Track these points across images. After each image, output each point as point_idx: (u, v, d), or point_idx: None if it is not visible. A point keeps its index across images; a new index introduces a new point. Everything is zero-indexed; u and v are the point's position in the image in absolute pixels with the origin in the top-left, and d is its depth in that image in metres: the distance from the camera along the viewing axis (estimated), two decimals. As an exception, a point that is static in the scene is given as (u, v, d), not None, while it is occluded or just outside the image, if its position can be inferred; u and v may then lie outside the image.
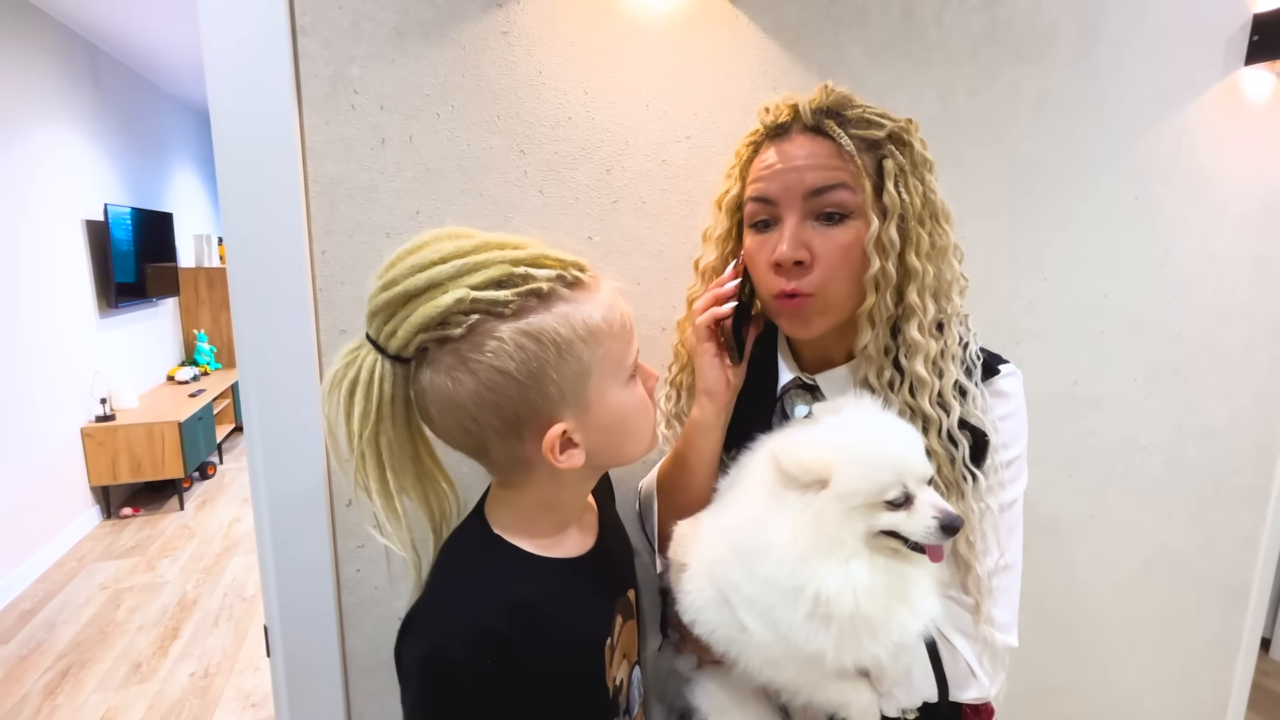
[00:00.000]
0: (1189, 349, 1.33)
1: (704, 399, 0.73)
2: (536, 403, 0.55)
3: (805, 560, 0.56)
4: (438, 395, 0.55)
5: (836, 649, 0.56)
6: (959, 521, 0.56)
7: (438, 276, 0.53)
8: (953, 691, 0.67)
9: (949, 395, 0.65)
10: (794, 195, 0.64)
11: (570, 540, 0.65)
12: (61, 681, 2.23)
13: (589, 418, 0.58)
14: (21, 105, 2.97)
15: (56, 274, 3.22)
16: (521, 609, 0.57)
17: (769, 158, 0.67)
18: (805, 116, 0.65)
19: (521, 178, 0.84)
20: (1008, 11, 1.02)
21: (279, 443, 0.80)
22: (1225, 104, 1.23)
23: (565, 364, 0.55)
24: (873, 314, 0.66)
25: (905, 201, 0.64)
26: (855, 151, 0.63)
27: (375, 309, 0.55)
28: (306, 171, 0.78)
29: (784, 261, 0.64)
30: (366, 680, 0.89)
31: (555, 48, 0.83)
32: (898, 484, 0.56)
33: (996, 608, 0.67)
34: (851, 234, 0.64)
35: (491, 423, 0.55)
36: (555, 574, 0.62)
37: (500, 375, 0.53)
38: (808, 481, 0.57)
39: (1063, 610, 1.34)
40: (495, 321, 0.53)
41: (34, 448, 2.98)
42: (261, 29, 0.73)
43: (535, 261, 0.55)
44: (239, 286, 0.77)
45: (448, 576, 0.62)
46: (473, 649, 0.54)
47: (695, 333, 0.73)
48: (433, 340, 0.54)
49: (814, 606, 0.55)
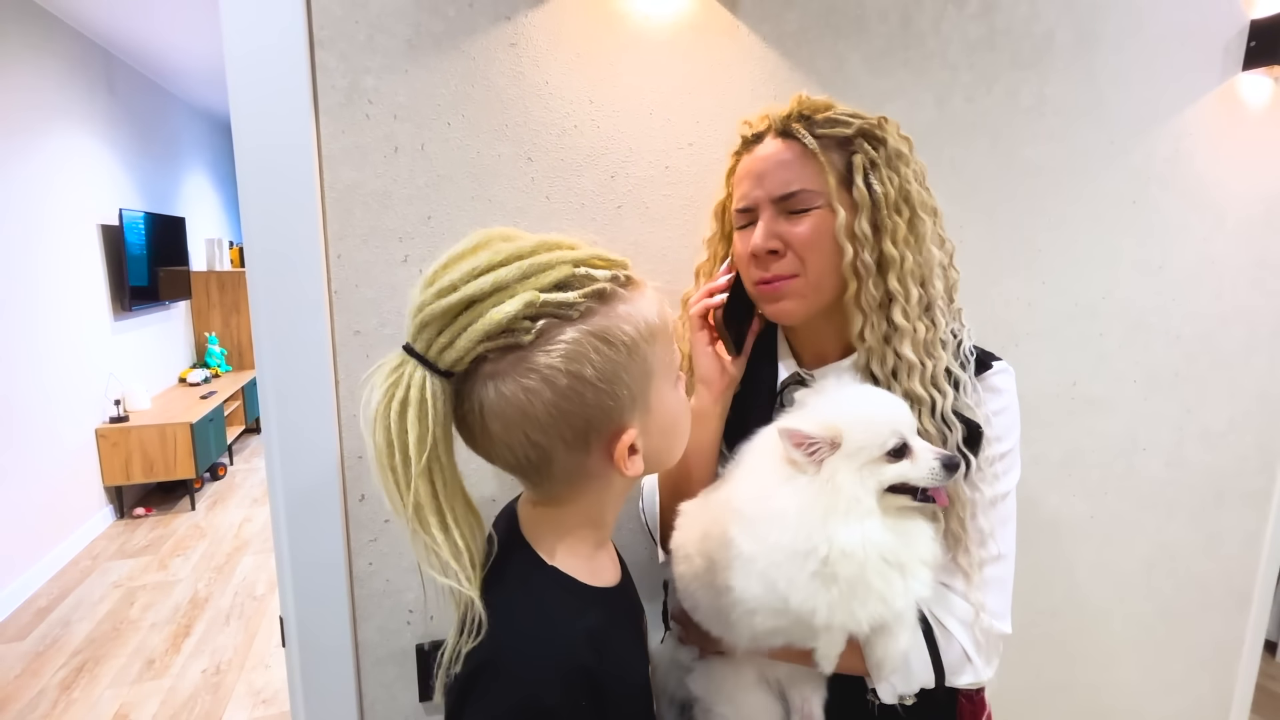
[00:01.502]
0: (1189, 351, 1.34)
1: (700, 388, 0.77)
2: (609, 408, 0.52)
3: (825, 521, 0.59)
4: (505, 409, 0.50)
5: (829, 609, 0.59)
6: (957, 459, 0.62)
7: (503, 279, 0.49)
8: (949, 677, 0.69)
9: (941, 379, 0.68)
10: (764, 194, 0.70)
11: (608, 567, 0.62)
12: (77, 677, 2.27)
13: (650, 421, 0.56)
14: (39, 112, 3.03)
15: (72, 277, 3.28)
16: (599, 640, 0.53)
17: (746, 166, 0.73)
18: (775, 124, 0.71)
19: (529, 184, 0.87)
20: (1005, 19, 1.04)
21: (295, 439, 0.83)
22: (1223, 109, 1.25)
23: (634, 364, 0.53)
24: (860, 300, 0.69)
25: (877, 192, 0.68)
26: (820, 149, 0.68)
27: (428, 319, 0.49)
28: (323, 178, 0.81)
29: (758, 251, 0.70)
30: (378, 671, 0.92)
31: (561, 59, 0.85)
32: (896, 434, 0.62)
33: (990, 596, 0.70)
34: (817, 222, 0.69)
35: (564, 434, 0.51)
36: (607, 603, 0.59)
37: (579, 381, 0.50)
38: (824, 445, 0.61)
39: (1063, 610, 1.35)
40: (564, 325, 0.50)
41: (50, 448, 3.03)
42: (280, 42, 0.76)
43: (591, 261, 0.53)
44: (258, 289, 0.80)
45: (510, 616, 0.54)
46: (569, 690, 0.50)
47: (690, 323, 0.78)
48: (496, 349, 0.50)
49: (821, 566, 0.59)
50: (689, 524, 0.72)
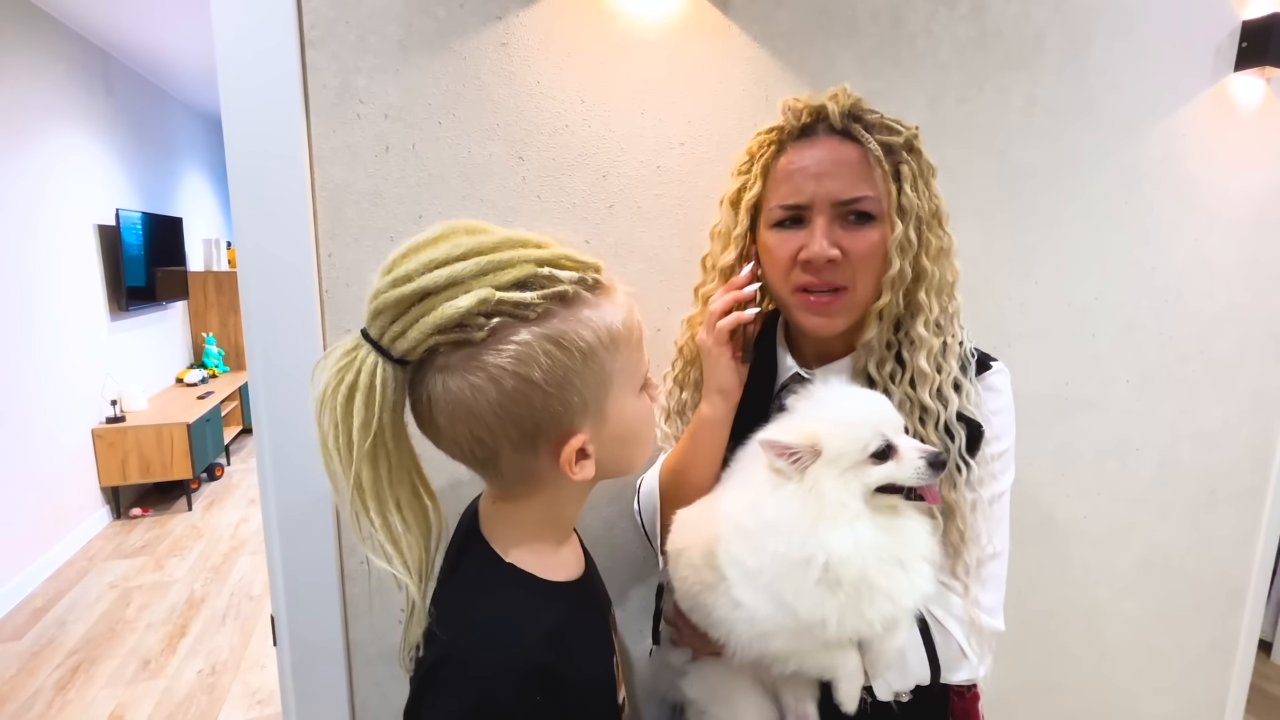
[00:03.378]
0: (1181, 351, 1.34)
1: (716, 397, 0.74)
2: (558, 413, 0.51)
3: (815, 528, 0.59)
4: (451, 403, 0.50)
5: (839, 615, 0.59)
6: (944, 455, 0.61)
7: (459, 274, 0.48)
8: (944, 673, 0.69)
9: (947, 389, 0.68)
10: (825, 195, 0.66)
11: (569, 562, 0.63)
12: (73, 677, 2.26)
13: (604, 428, 0.55)
14: (36, 112, 3.03)
15: (69, 277, 3.28)
16: (557, 636, 0.53)
17: (798, 161, 0.68)
18: (834, 119, 0.67)
19: (520, 183, 0.87)
20: (996, 20, 1.05)
21: (286, 437, 0.83)
22: (1215, 109, 1.25)
23: (589, 372, 0.52)
24: (884, 311, 0.69)
25: (919, 205, 0.67)
26: (881, 156, 0.66)
27: (382, 306, 0.49)
28: (314, 178, 0.81)
29: (817, 259, 0.66)
30: (369, 670, 0.92)
31: (553, 58, 0.86)
32: (878, 435, 0.61)
33: (985, 593, 0.70)
34: (878, 234, 0.67)
35: (509, 434, 0.51)
36: (567, 598, 0.59)
37: (525, 384, 0.49)
38: (805, 453, 0.60)
39: (1057, 609, 1.35)
40: (518, 325, 0.49)
41: (46, 449, 3.02)
42: (272, 43, 0.76)
43: (558, 262, 0.52)
44: (249, 288, 0.81)
45: (466, 613, 0.55)
46: (524, 687, 0.50)
47: (716, 336, 0.73)
48: (448, 343, 0.49)
49: (824, 573, 0.58)
50: (687, 531, 0.72)
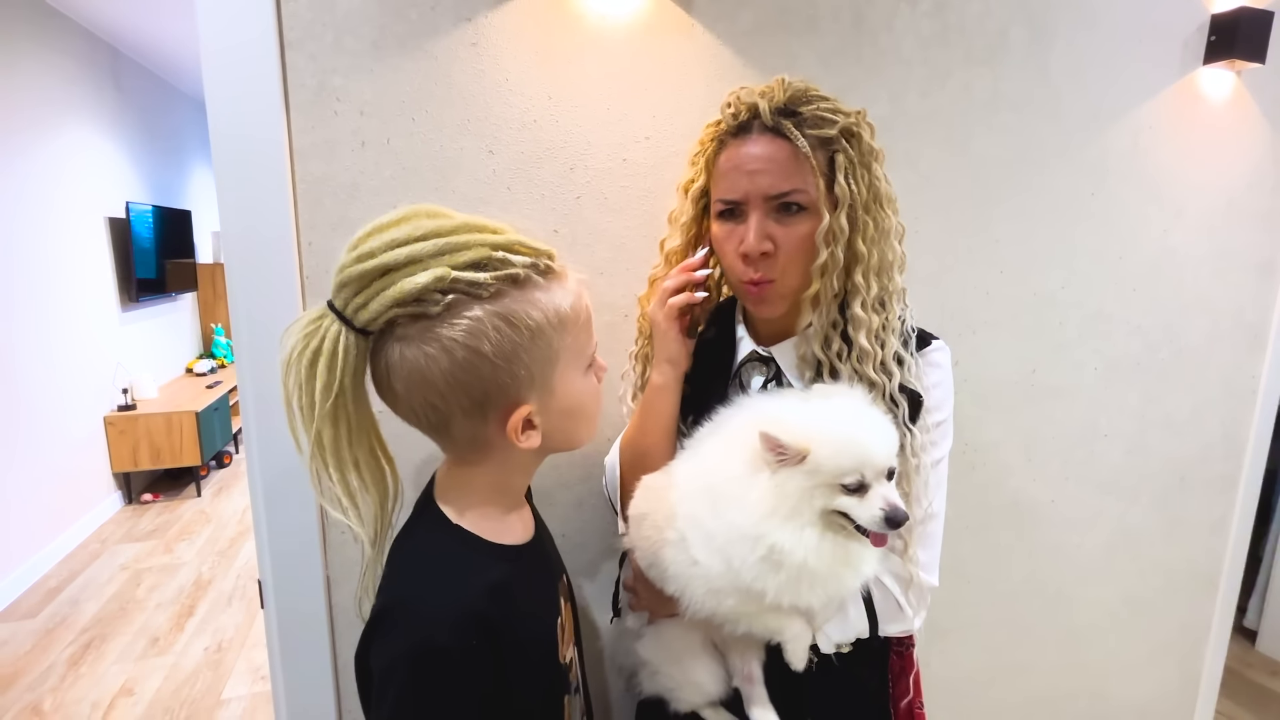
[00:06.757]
0: (1149, 340, 1.37)
1: (666, 366, 0.80)
2: (506, 384, 0.56)
3: (766, 519, 0.63)
4: (407, 370, 0.55)
5: (777, 591, 0.63)
6: (904, 517, 0.62)
7: (418, 253, 0.53)
8: (881, 626, 0.75)
9: (890, 363, 0.73)
10: (757, 191, 0.71)
11: (516, 527, 0.67)
12: (85, 653, 2.36)
13: (551, 401, 0.60)
14: (47, 108, 3.10)
15: (81, 270, 3.37)
16: (498, 590, 0.58)
17: (733, 158, 0.72)
18: (765, 117, 0.70)
19: (491, 176, 0.92)
20: (958, 16, 1.07)
21: (270, 412, 0.88)
22: (1183, 103, 1.27)
23: (536, 348, 0.57)
24: (817, 297, 0.73)
25: (854, 192, 0.70)
26: (810, 151, 0.69)
27: (346, 280, 0.54)
28: (294, 171, 0.86)
29: (751, 253, 0.71)
30: (352, 634, 0.97)
31: (521, 57, 0.90)
32: (856, 471, 0.62)
33: (923, 550, 0.75)
34: (808, 225, 0.71)
35: (460, 401, 0.56)
36: (511, 559, 0.63)
37: (475, 355, 0.54)
38: (791, 457, 0.63)
39: (1021, 592, 1.39)
40: (472, 302, 0.54)
41: (60, 436, 3.12)
42: (252, 42, 0.81)
43: (512, 247, 0.57)
44: (235, 274, 0.86)
45: (413, 567, 0.60)
46: (460, 632, 0.55)
47: (667, 313, 0.79)
48: (406, 315, 0.54)
49: (769, 553, 0.62)
50: (651, 496, 0.76)
